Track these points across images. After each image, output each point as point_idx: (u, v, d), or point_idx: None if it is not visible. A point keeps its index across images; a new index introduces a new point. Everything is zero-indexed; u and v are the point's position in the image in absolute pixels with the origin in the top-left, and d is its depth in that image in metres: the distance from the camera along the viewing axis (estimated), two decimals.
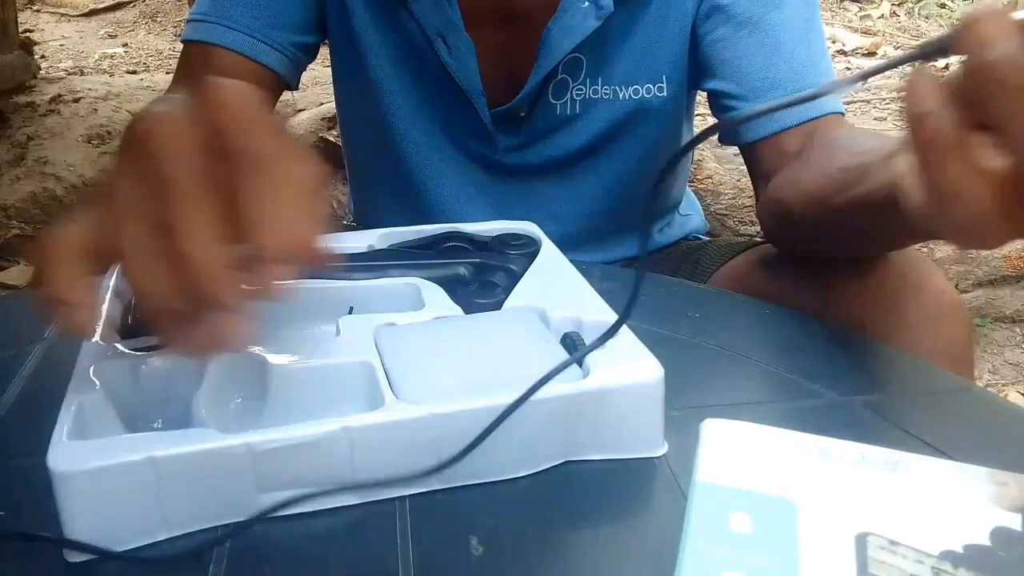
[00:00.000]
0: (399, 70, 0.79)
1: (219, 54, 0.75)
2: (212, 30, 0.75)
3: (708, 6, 0.75)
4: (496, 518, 0.39)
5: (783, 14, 0.73)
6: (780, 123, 0.72)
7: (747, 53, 0.73)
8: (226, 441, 0.37)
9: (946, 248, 1.97)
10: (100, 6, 4.40)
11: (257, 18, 0.75)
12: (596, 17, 0.73)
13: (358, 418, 0.38)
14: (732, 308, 0.61)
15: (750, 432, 0.37)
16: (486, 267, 0.53)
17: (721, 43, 0.74)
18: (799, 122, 0.71)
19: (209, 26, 0.75)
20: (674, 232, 0.93)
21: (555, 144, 0.80)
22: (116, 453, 0.36)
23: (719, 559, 0.30)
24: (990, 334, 1.96)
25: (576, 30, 0.73)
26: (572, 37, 0.73)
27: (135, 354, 0.43)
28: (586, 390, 0.41)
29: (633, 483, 0.41)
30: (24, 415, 0.46)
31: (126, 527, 0.36)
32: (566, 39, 0.73)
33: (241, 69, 0.75)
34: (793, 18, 0.74)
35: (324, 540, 0.38)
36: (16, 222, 2.18)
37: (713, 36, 0.75)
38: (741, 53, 0.73)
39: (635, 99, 0.78)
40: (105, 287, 0.49)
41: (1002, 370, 1.87)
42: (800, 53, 0.73)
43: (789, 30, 0.73)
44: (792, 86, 0.72)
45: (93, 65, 3.64)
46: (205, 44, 0.75)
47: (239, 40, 0.75)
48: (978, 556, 0.30)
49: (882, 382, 0.51)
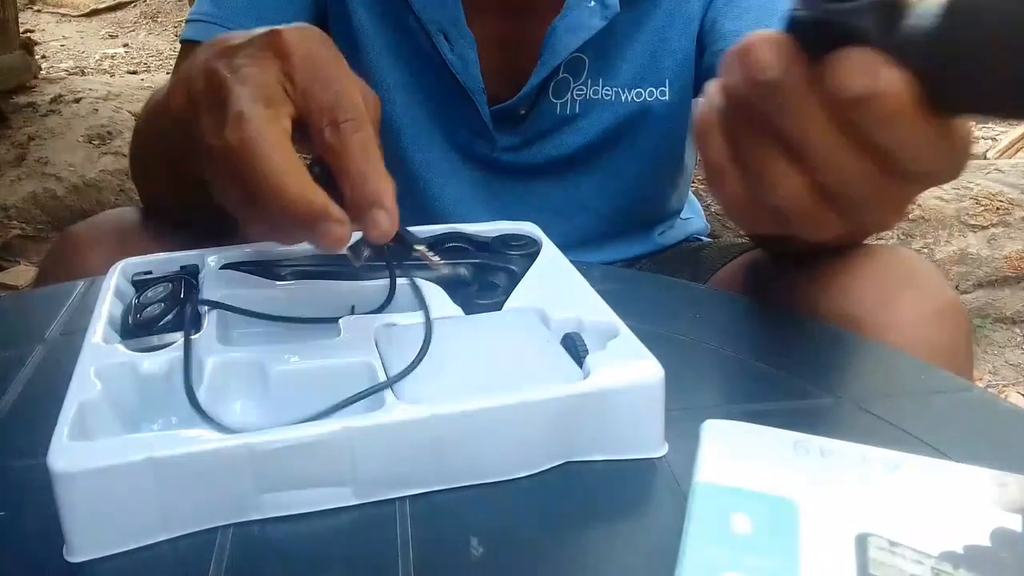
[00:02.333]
0: (399, 69, 0.79)
1: None
2: (212, 30, 0.75)
3: (714, 12, 0.75)
4: (496, 518, 0.39)
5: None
6: None
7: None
8: (226, 441, 0.37)
9: (947, 248, 1.97)
10: (101, 6, 4.41)
11: (257, 18, 0.75)
12: (602, 16, 0.73)
13: (358, 418, 0.38)
14: (732, 308, 0.61)
15: (750, 432, 0.37)
16: (486, 268, 0.53)
17: (731, 38, 0.74)
18: None
19: (209, 26, 0.75)
20: (675, 234, 0.93)
21: (555, 144, 0.80)
22: (116, 453, 0.36)
23: (719, 559, 0.30)
24: (990, 335, 1.96)
25: (582, 29, 0.73)
26: (577, 35, 0.73)
27: (135, 354, 0.43)
28: (586, 391, 0.41)
29: (633, 484, 0.41)
30: (24, 415, 0.46)
31: (126, 527, 0.36)
32: (571, 37, 0.73)
33: None
34: None
35: (324, 540, 0.38)
36: (16, 222, 2.18)
37: (722, 32, 0.75)
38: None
39: (637, 102, 0.78)
40: (105, 287, 0.49)
41: (1002, 371, 1.87)
42: None
43: None
44: None
45: (94, 65, 3.64)
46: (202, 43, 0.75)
47: None
48: (978, 556, 0.30)
49: (882, 383, 0.51)
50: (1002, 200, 2.02)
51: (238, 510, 0.38)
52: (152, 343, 0.44)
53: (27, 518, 0.39)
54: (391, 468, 0.39)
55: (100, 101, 2.72)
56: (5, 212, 2.18)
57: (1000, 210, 2.01)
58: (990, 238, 2.00)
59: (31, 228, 2.16)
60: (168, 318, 0.47)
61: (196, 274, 0.51)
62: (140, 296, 0.49)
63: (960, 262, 1.98)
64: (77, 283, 0.60)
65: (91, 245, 0.66)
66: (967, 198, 2.02)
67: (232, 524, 0.38)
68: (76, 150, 2.40)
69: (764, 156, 0.34)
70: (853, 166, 0.32)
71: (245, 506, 0.38)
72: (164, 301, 0.48)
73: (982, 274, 1.99)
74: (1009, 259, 1.98)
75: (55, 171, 2.30)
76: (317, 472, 0.38)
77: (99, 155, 2.40)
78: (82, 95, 2.77)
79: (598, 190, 0.83)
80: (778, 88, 0.32)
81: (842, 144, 0.32)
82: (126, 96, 2.81)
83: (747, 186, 0.35)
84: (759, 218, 0.37)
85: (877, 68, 0.29)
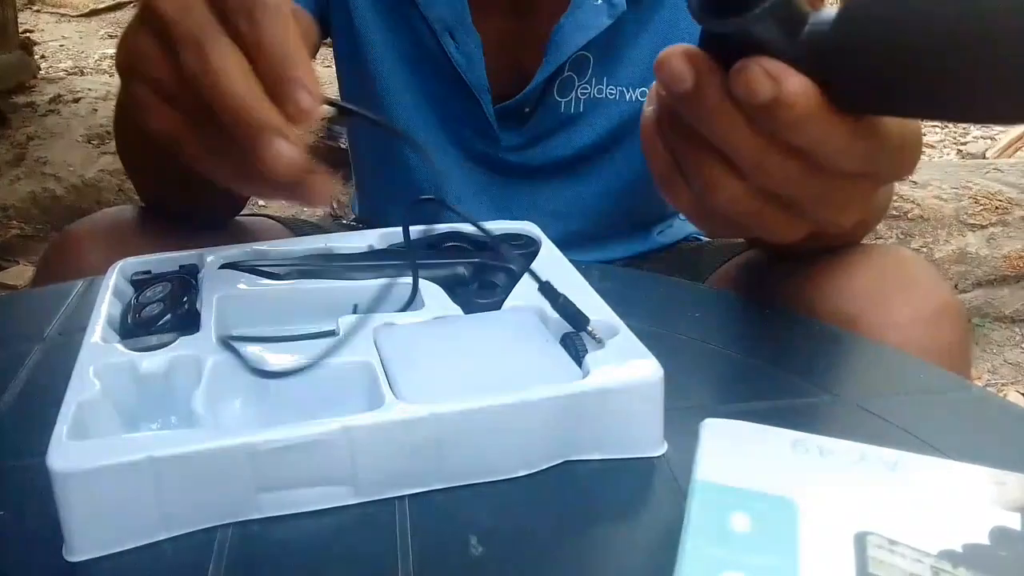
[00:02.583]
0: (403, 67, 0.79)
1: None
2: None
3: None
4: (496, 518, 0.39)
5: None
6: None
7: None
8: (226, 441, 0.37)
9: (946, 248, 1.97)
10: (100, 6, 4.40)
11: None
12: (608, 15, 0.73)
13: (358, 418, 0.38)
14: (732, 308, 0.61)
15: (750, 432, 0.37)
16: (486, 267, 0.53)
17: None
18: None
19: None
20: (674, 233, 0.93)
21: (558, 143, 0.80)
22: (116, 453, 0.36)
23: (719, 559, 0.30)
24: (990, 334, 1.96)
25: (588, 27, 0.73)
26: (584, 33, 0.73)
27: (135, 354, 0.43)
28: (586, 390, 0.41)
29: (633, 483, 0.41)
30: (24, 415, 0.46)
31: (125, 527, 0.36)
32: (577, 35, 0.73)
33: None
34: None
35: (324, 540, 0.38)
36: (16, 222, 2.18)
37: None
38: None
39: (642, 101, 0.78)
40: (104, 287, 0.49)
41: (1001, 370, 1.87)
42: None
43: None
44: None
45: (93, 65, 3.64)
46: None
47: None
48: (978, 556, 0.30)
49: (881, 382, 0.51)
50: (1001, 199, 2.02)
51: (238, 510, 0.38)
52: (151, 343, 0.44)
53: (27, 518, 0.39)
54: (391, 467, 0.39)
55: (99, 101, 2.72)
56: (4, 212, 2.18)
57: (999, 209, 2.01)
58: (989, 237, 2.00)
59: (30, 228, 2.16)
60: (167, 318, 0.47)
61: (195, 274, 0.51)
62: (139, 296, 0.49)
63: (959, 261, 1.98)
64: (76, 283, 0.60)
65: (89, 244, 0.66)
66: (966, 197, 2.02)
67: (232, 523, 0.38)
68: (75, 150, 2.40)
69: (701, 164, 0.35)
70: (780, 168, 0.34)
71: (245, 506, 0.38)
72: (163, 301, 0.48)
73: (981, 273, 1.99)
74: (1008, 258, 1.99)
75: (54, 171, 2.30)
76: (316, 471, 0.38)
77: (98, 155, 2.40)
78: (81, 95, 2.77)
79: (600, 189, 0.83)
80: (695, 99, 0.33)
81: (765, 147, 0.33)
82: None
83: (694, 193, 0.37)
84: (715, 223, 0.38)
85: (779, 75, 0.31)
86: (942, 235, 1.99)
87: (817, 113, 0.31)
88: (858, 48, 0.31)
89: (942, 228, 2.00)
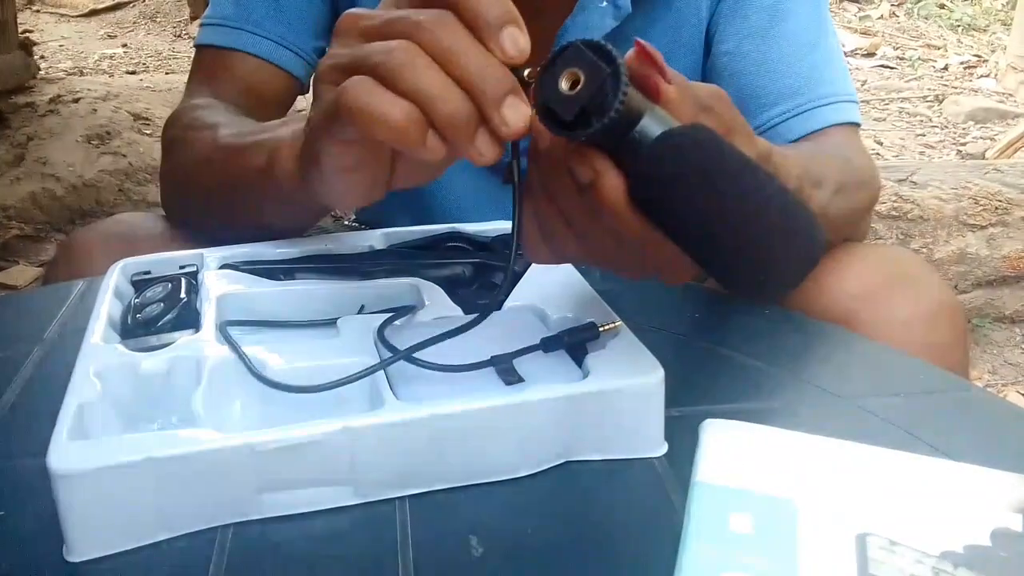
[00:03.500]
0: None
1: (242, 59, 0.73)
2: (238, 36, 0.73)
3: (719, 17, 0.75)
4: (496, 518, 0.39)
5: (790, 26, 0.73)
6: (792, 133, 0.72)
7: (748, 69, 0.73)
8: (226, 441, 0.37)
9: (945, 248, 1.97)
10: (100, 6, 4.40)
11: (281, 23, 0.74)
12: (614, 17, 0.73)
13: (358, 418, 0.38)
14: (732, 308, 0.61)
15: (750, 432, 0.37)
16: (486, 267, 0.53)
17: (727, 56, 0.74)
18: (803, 133, 0.71)
19: (233, 31, 0.74)
20: None
21: None
22: (116, 453, 0.36)
23: (719, 559, 0.30)
24: (990, 334, 1.96)
25: (594, 29, 0.73)
26: (588, 36, 0.73)
27: (134, 354, 0.43)
28: (586, 391, 0.41)
29: (633, 483, 0.41)
30: (24, 415, 0.46)
31: (126, 527, 0.36)
32: (583, 37, 0.73)
33: (264, 74, 0.74)
34: (799, 31, 0.73)
35: (324, 540, 0.37)
36: (16, 222, 2.18)
37: (720, 49, 0.75)
38: (743, 68, 0.73)
39: None
40: (104, 287, 0.49)
41: (1002, 370, 1.87)
42: (803, 67, 0.73)
43: (795, 43, 0.73)
44: (792, 102, 0.72)
45: (93, 65, 3.64)
46: (225, 48, 0.74)
47: (265, 46, 0.73)
48: (978, 556, 0.30)
49: (882, 382, 0.51)
50: (1001, 200, 2.02)
51: (238, 510, 0.38)
52: (151, 343, 0.44)
53: (27, 518, 0.39)
54: (391, 467, 0.39)
55: (99, 101, 2.72)
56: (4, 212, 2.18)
57: (999, 210, 2.01)
58: (989, 238, 2.00)
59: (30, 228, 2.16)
60: (167, 318, 0.47)
61: (195, 274, 0.51)
62: (139, 296, 0.49)
63: (959, 262, 1.98)
64: (76, 283, 0.60)
65: (99, 251, 0.65)
66: (966, 198, 2.02)
67: (232, 524, 0.38)
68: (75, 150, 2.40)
69: (551, 217, 0.40)
70: (599, 238, 0.39)
71: (245, 506, 0.38)
72: (163, 301, 0.48)
73: (981, 274, 1.99)
74: (1008, 259, 1.98)
75: (54, 171, 2.30)
76: (317, 472, 0.38)
77: (98, 155, 2.40)
78: (81, 95, 2.77)
79: None
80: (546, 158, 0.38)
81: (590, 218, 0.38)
82: (125, 96, 2.80)
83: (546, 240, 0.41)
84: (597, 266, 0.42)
85: (600, 169, 0.36)
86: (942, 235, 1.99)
87: (620, 204, 0.36)
88: (660, 176, 0.35)
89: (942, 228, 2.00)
